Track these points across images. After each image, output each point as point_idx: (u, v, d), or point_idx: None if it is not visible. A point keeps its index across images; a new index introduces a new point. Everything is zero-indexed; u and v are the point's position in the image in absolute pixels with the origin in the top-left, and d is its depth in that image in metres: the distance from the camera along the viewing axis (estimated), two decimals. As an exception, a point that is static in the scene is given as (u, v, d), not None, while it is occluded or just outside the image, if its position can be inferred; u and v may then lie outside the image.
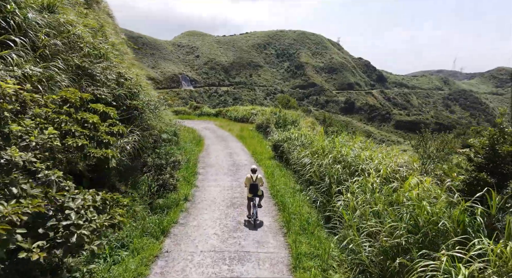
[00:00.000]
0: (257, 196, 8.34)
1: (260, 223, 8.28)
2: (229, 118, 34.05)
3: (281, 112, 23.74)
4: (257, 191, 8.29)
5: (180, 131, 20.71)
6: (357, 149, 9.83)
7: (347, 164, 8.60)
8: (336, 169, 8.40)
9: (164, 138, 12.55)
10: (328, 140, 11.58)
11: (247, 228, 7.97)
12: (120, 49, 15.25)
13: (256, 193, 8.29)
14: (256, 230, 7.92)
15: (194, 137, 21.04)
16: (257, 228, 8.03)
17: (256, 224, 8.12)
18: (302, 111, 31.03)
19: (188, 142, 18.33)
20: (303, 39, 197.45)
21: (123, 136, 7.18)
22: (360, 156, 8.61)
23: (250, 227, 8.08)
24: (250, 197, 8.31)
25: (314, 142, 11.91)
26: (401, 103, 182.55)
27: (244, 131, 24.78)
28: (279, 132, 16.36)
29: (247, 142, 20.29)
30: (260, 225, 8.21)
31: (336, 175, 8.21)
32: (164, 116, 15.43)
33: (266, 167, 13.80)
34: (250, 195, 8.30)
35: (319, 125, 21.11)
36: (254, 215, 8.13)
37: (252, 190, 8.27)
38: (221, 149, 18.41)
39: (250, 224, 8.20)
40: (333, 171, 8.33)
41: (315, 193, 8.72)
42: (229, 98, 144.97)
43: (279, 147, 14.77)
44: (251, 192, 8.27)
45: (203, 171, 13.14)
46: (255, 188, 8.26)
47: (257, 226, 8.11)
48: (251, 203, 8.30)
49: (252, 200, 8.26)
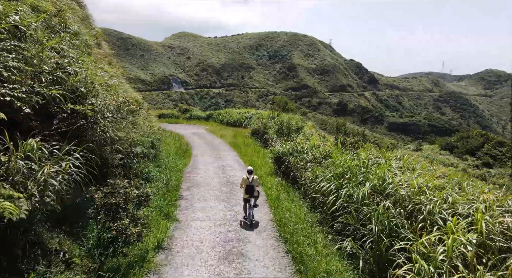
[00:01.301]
0: (253, 197, 8.38)
1: (256, 223, 8.29)
2: (221, 122, 31.15)
3: (279, 116, 20.98)
4: (253, 192, 8.29)
5: (163, 139, 17.80)
6: (398, 171, 7.06)
7: (399, 200, 5.76)
8: (384, 209, 5.50)
9: (137, 152, 9.66)
10: (351, 156, 8.82)
11: (244, 229, 7.89)
12: (88, 42, 12.36)
13: (253, 194, 8.30)
14: (253, 231, 7.85)
15: (181, 146, 18.11)
16: (253, 228, 8.03)
17: (252, 224, 8.17)
18: (300, 114, 28.34)
19: (172, 153, 15.41)
20: (295, 41, 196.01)
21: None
22: (417, 186, 5.74)
23: (247, 227, 8.04)
24: (246, 198, 8.36)
25: (333, 157, 9.08)
26: (393, 105, 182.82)
27: (238, 138, 21.94)
28: (282, 142, 13.59)
29: (242, 152, 17.46)
30: (256, 225, 8.21)
31: (385, 219, 5.34)
32: (142, 122, 12.55)
33: (268, 187, 10.97)
34: (246, 196, 8.33)
35: (320, 130, 18.39)
36: (250, 215, 8.22)
37: (249, 191, 8.27)
38: (211, 161, 15.54)
39: (246, 224, 8.21)
40: (380, 211, 5.46)
41: (350, 242, 5.82)
42: (221, 100, 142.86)
43: (283, 161, 11.96)
44: (248, 193, 8.29)
45: (187, 195, 10.23)
46: (251, 189, 8.26)
47: (253, 226, 8.13)
48: (247, 204, 8.34)
49: (249, 201, 8.34)
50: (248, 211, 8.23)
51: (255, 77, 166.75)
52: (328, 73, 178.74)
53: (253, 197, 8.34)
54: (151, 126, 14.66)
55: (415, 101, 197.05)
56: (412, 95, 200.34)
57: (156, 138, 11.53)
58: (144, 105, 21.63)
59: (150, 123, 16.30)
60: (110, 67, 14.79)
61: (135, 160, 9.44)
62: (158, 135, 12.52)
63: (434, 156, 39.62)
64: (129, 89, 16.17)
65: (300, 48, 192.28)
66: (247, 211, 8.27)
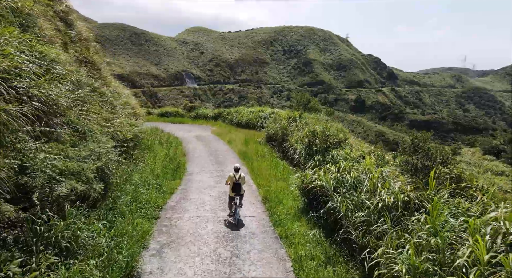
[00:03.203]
0: (239, 195, 8.14)
1: (243, 223, 7.89)
2: (230, 122, 26.54)
3: (302, 117, 16.26)
4: (240, 191, 8.10)
5: (153, 148, 13.47)
6: None
7: None
8: None
9: (60, 194, 5.18)
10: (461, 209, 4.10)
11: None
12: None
13: (239, 192, 8.10)
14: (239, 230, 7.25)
15: (174, 158, 13.65)
16: (239, 227, 7.55)
17: (239, 223, 7.86)
18: (325, 114, 23.49)
19: (157, 171, 10.96)
20: (311, 35, 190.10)
21: None
22: None
23: (232, 226, 7.65)
24: (232, 197, 8.16)
25: (429, 211, 4.32)
26: (413, 102, 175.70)
27: (249, 144, 17.35)
28: (315, 162, 8.89)
29: (255, 167, 12.86)
30: (242, 224, 7.83)
31: None
32: (99, 127, 8.17)
33: (300, 255, 6.26)
34: (232, 194, 8.15)
35: (357, 136, 13.50)
36: (236, 214, 7.94)
37: (235, 189, 8.09)
38: (211, 184, 11.00)
39: (231, 224, 7.85)
40: None
41: None
42: (234, 96, 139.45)
43: (322, 201, 7.27)
44: (234, 191, 8.12)
45: (155, 269, 5.69)
46: (238, 187, 8.07)
47: (239, 225, 7.77)
48: (232, 202, 8.15)
49: (234, 199, 8.11)
50: (233, 209, 8.08)
51: (269, 73, 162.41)
52: (345, 68, 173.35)
53: (239, 195, 8.16)
54: (125, 132, 10.23)
55: (436, 97, 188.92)
56: (433, 91, 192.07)
57: (110, 162, 6.81)
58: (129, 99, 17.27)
59: (130, 125, 11.94)
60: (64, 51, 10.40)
61: (52, 210, 4.98)
62: (109, 159, 7.50)
63: (478, 162, 34.00)
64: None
65: (316, 42, 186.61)
66: (232, 209, 8.14)
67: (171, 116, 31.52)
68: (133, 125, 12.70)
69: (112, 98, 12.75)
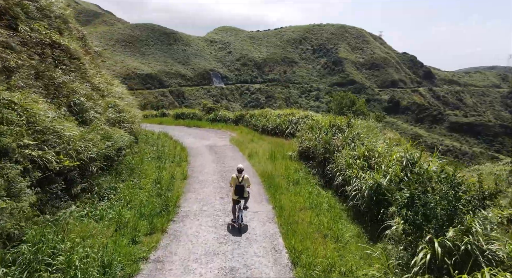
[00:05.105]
0: (243, 198, 7.64)
1: (245, 227, 7.48)
2: (254, 127, 22.11)
3: (352, 127, 11.52)
4: (243, 193, 7.59)
5: (140, 167, 9.29)
6: None
7: None
8: None
9: None
10: None
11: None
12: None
13: (242, 195, 7.59)
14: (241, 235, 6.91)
15: (168, 183, 9.43)
16: (241, 233, 7.14)
17: (241, 228, 7.39)
18: (374, 118, 18.45)
19: (121, 223, 6.71)
20: (342, 33, 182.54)
21: None
22: None
23: (234, 231, 7.19)
24: (235, 200, 7.61)
25: None
26: (453, 102, 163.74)
27: (277, 161, 12.90)
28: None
29: (284, 204, 8.43)
30: (245, 229, 7.40)
31: None
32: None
33: None
34: (235, 197, 7.60)
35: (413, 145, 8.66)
36: (239, 218, 7.41)
37: (238, 192, 7.55)
38: (214, 248, 6.60)
39: (234, 228, 7.41)
40: None
41: None
42: (262, 96, 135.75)
43: None
44: (237, 194, 7.57)
45: None
46: (241, 190, 7.54)
47: (242, 231, 7.30)
48: (236, 206, 7.59)
49: (238, 203, 7.58)
50: (237, 213, 7.46)
51: (298, 72, 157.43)
52: (377, 67, 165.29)
53: (243, 198, 7.61)
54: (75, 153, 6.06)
55: (479, 98, 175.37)
56: (475, 92, 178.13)
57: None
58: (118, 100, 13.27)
59: (102, 138, 7.84)
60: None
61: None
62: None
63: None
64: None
65: (347, 40, 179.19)
66: (236, 214, 7.50)
67: (187, 118, 27.62)
68: (108, 138, 8.57)
69: (84, 99, 8.74)
